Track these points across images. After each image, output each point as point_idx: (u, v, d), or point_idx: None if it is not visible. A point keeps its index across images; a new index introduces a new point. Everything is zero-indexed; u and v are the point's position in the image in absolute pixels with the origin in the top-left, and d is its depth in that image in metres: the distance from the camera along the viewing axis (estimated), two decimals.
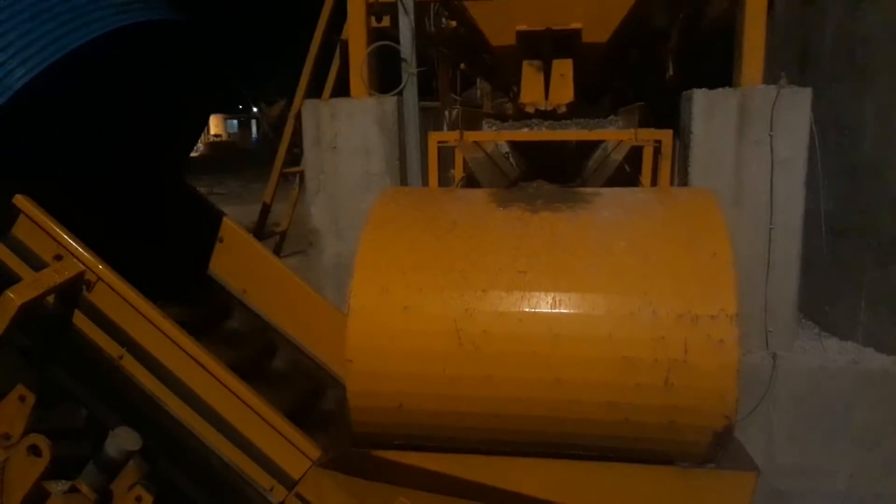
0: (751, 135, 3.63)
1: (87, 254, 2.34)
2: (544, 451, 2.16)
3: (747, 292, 3.53)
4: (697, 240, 2.11)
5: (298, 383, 3.08)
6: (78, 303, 2.35)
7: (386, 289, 2.13)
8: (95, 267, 2.34)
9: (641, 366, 1.97)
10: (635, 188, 3.41)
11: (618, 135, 3.86)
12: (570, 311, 2.03)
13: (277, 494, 2.32)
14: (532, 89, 4.00)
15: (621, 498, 2.17)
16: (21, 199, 2.36)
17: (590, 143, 4.51)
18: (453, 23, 5.98)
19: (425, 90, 4.74)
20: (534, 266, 2.10)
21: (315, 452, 2.30)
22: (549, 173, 4.48)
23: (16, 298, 2.08)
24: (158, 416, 2.36)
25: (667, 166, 3.66)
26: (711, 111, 3.67)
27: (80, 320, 2.36)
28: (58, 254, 2.34)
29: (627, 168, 4.25)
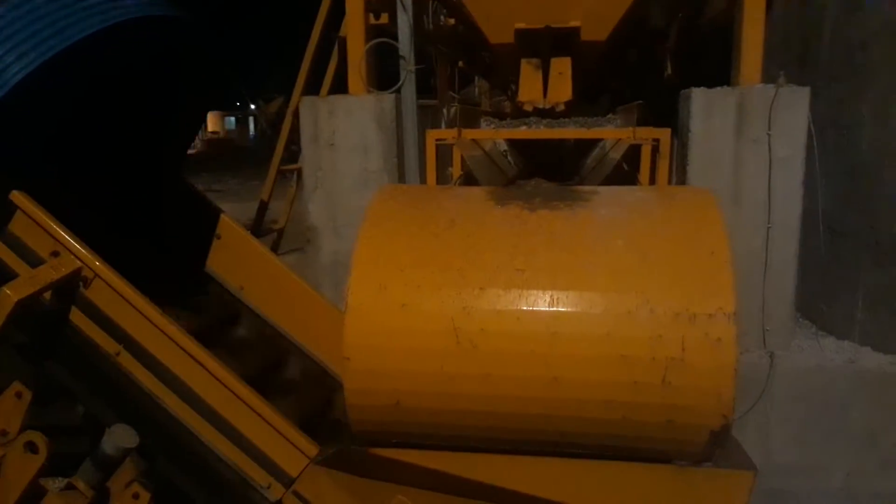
0: (749, 134, 3.63)
1: (84, 250, 2.34)
2: (542, 450, 2.16)
3: (745, 291, 3.51)
4: (695, 238, 2.11)
5: (306, 390, 3.07)
6: (75, 299, 2.35)
7: (384, 286, 2.13)
8: (92, 263, 2.33)
9: (639, 364, 1.97)
10: (633, 187, 3.40)
11: (616, 133, 3.85)
12: (568, 309, 2.02)
13: (275, 492, 2.32)
14: (530, 87, 3.99)
15: (619, 496, 2.17)
16: (18, 196, 2.35)
17: (588, 141, 4.50)
18: (452, 20, 5.97)
19: (423, 88, 4.73)
20: (532, 264, 2.10)
21: (313, 450, 2.30)
22: (548, 171, 4.46)
23: (12, 295, 2.08)
24: (156, 413, 2.36)
25: (665, 165, 3.66)
26: (710, 110, 3.67)
27: (76, 317, 2.35)
28: (55, 250, 2.34)
29: (626, 167, 4.24)
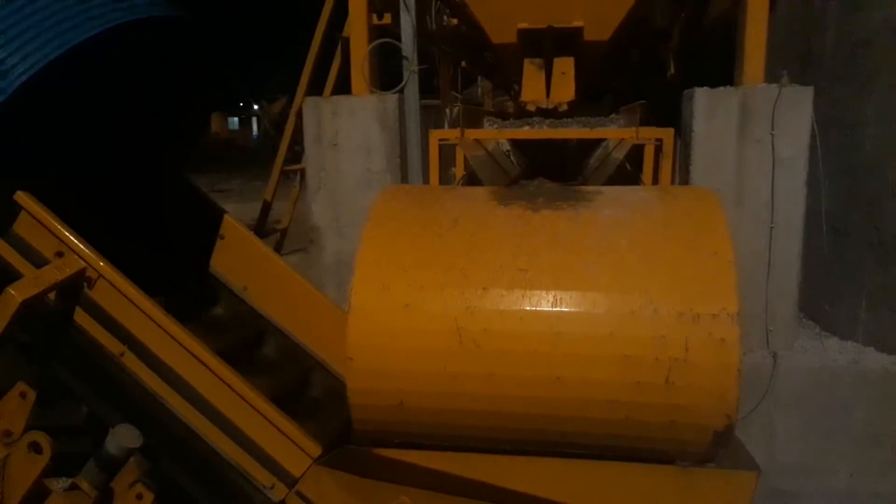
0: (752, 134, 3.62)
1: (88, 250, 2.34)
2: (545, 450, 2.16)
3: (748, 291, 3.53)
4: (698, 238, 2.11)
5: (287, 369, 3.06)
6: (79, 299, 2.35)
7: (387, 286, 2.13)
8: (97, 264, 2.34)
9: (642, 364, 1.97)
10: (636, 187, 3.40)
11: (619, 133, 3.85)
12: (571, 309, 2.03)
13: (278, 492, 2.32)
14: (533, 87, 3.99)
15: (622, 497, 2.17)
16: (22, 196, 2.35)
17: (591, 141, 4.49)
18: (454, 20, 5.97)
19: (426, 88, 4.74)
20: (535, 264, 2.10)
21: (316, 450, 2.30)
22: (550, 171, 4.45)
23: (17, 295, 2.08)
24: (159, 414, 2.36)
25: (668, 165, 3.66)
26: (713, 110, 3.66)
27: (81, 317, 2.36)
28: (59, 250, 2.34)
29: (628, 167, 4.23)
